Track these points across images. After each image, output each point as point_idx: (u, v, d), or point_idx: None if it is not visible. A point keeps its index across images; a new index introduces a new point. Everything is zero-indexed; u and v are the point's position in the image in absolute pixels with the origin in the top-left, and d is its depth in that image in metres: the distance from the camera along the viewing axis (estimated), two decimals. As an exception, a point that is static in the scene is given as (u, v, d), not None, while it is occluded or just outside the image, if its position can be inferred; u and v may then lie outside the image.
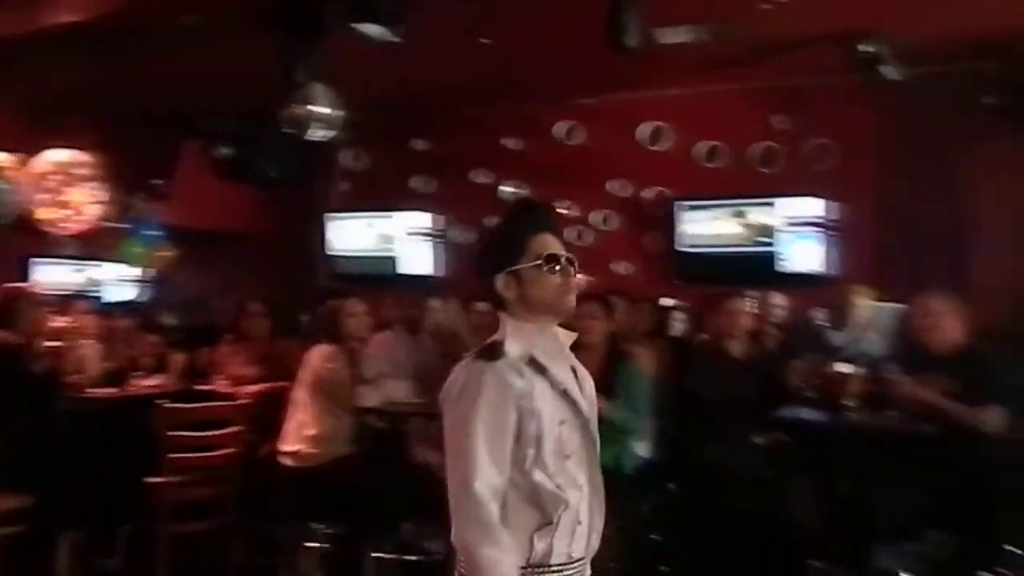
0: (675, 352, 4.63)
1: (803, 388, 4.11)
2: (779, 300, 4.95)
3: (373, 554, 3.78)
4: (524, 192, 6.77)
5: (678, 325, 5.43)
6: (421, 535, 3.91)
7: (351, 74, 4.56)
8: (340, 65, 4.50)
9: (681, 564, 3.75)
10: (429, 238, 7.08)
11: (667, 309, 5.56)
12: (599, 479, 1.75)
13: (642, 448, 3.78)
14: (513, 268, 1.74)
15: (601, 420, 1.82)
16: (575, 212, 6.61)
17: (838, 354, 4.34)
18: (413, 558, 3.84)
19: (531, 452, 1.63)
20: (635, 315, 4.84)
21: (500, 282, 1.75)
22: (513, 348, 1.69)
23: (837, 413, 3.83)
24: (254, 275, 6.99)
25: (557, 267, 1.74)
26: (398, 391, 4.37)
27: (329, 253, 7.34)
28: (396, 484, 3.83)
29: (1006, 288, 4.94)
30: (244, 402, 4.52)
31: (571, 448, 1.69)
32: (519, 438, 1.63)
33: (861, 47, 4.79)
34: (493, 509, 1.60)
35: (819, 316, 5.03)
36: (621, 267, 6.46)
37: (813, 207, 5.77)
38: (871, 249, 5.66)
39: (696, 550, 3.65)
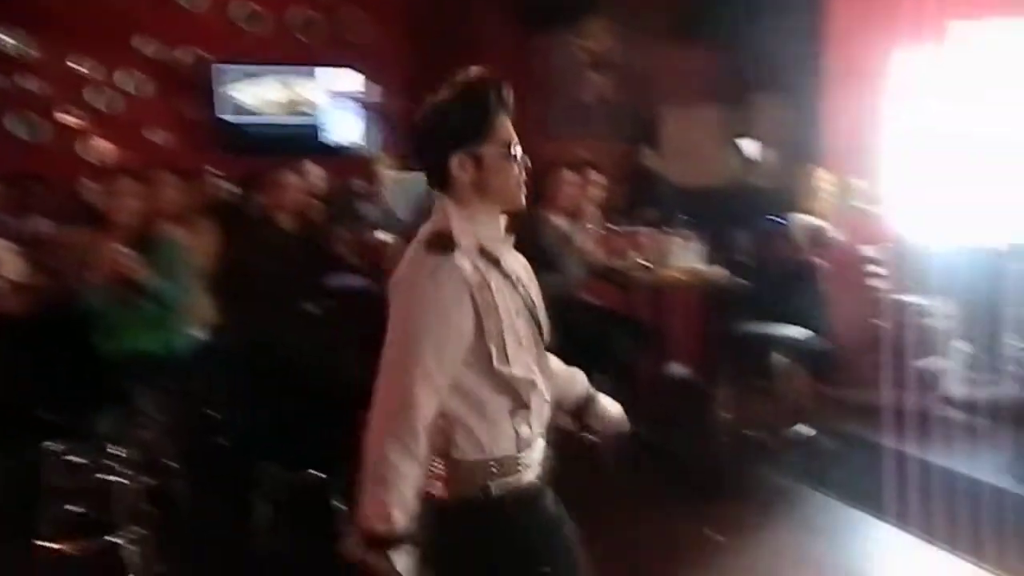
0: (227, 227, 4.56)
1: (348, 257, 4.42)
2: (320, 171, 5.12)
3: None
4: (20, 41, 5.76)
5: (228, 198, 5.31)
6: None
7: None
8: None
9: (240, 435, 3.89)
10: None
11: (215, 182, 5.37)
12: (547, 364, 1.70)
13: (195, 329, 3.75)
14: (476, 150, 1.57)
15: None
16: (98, 72, 5.88)
17: (376, 223, 4.73)
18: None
19: (494, 348, 1.55)
20: (182, 190, 4.59)
21: (455, 162, 1.56)
22: (462, 238, 1.55)
23: (378, 278, 4.23)
24: None
25: (517, 157, 1.61)
26: None
27: None
28: None
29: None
30: None
31: (523, 335, 1.62)
32: (481, 334, 1.53)
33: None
34: (425, 416, 1.51)
35: (358, 187, 5.35)
36: (157, 136, 6.00)
37: (351, 80, 5.99)
38: (404, 122, 6.14)
39: (253, 420, 3.81)
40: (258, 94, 5.99)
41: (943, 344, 5.17)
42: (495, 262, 1.59)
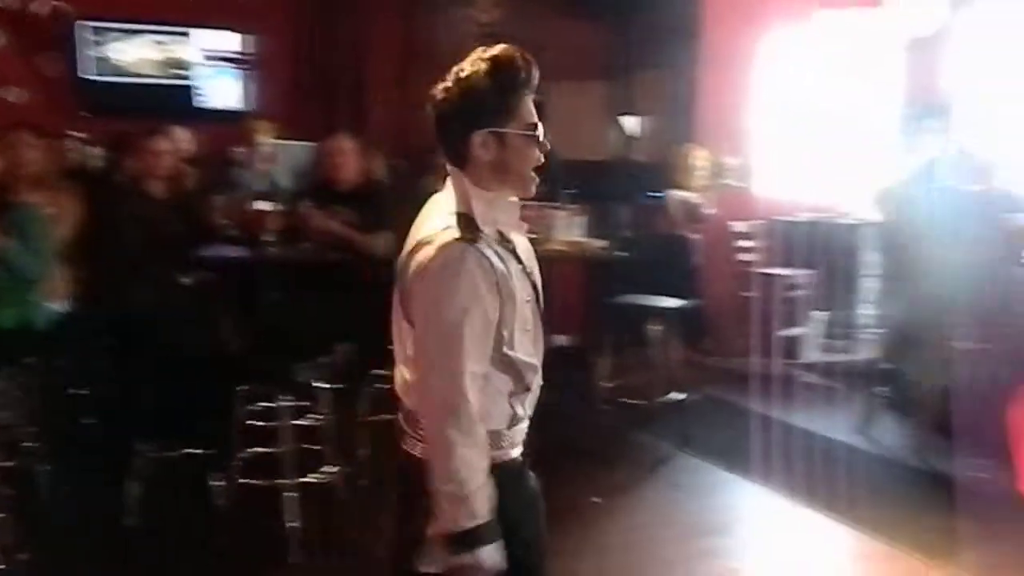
0: (92, 194, 4.30)
1: (225, 226, 4.26)
2: (188, 135, 4.87)
3: None
4: None
5: (93, 163, 4.99)
6: None
7: None
8: None
9: (109, 413, 3.72)
10: None
11: (79, 145, 5.04)
12: (542, 348, 1.68)
13: (55, 302, 3.54)
14: (500, 130, 1.52)
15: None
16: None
17: (255, 191, 4.57)
18: None
19: (506, 334, 1.54)
20: (42, 152, 4.28)
21: (478, 140, 1.51)
22: (484, 225, 1.53)
23: (257, 248, 4.11)
24: None
25: (540, 139, 1.57)
26: None
27: None
28: None
29: (396, 129, 5.75)
30: None
31: (530, 323, 1.61)
32: (500, 321, 1.53)
33: None
34: (475, 406, 1.49)
35: (237, 154, 5.15)
36: (11, 94, 5.57)
37: (229, 41, 5.74)
38: (285, 87, 5.94)
39: (125, 396, 3.65)
40: (127, 52, 5.64)
41: (804, 313, 5.53)
42: (512, 251, 1.60)
